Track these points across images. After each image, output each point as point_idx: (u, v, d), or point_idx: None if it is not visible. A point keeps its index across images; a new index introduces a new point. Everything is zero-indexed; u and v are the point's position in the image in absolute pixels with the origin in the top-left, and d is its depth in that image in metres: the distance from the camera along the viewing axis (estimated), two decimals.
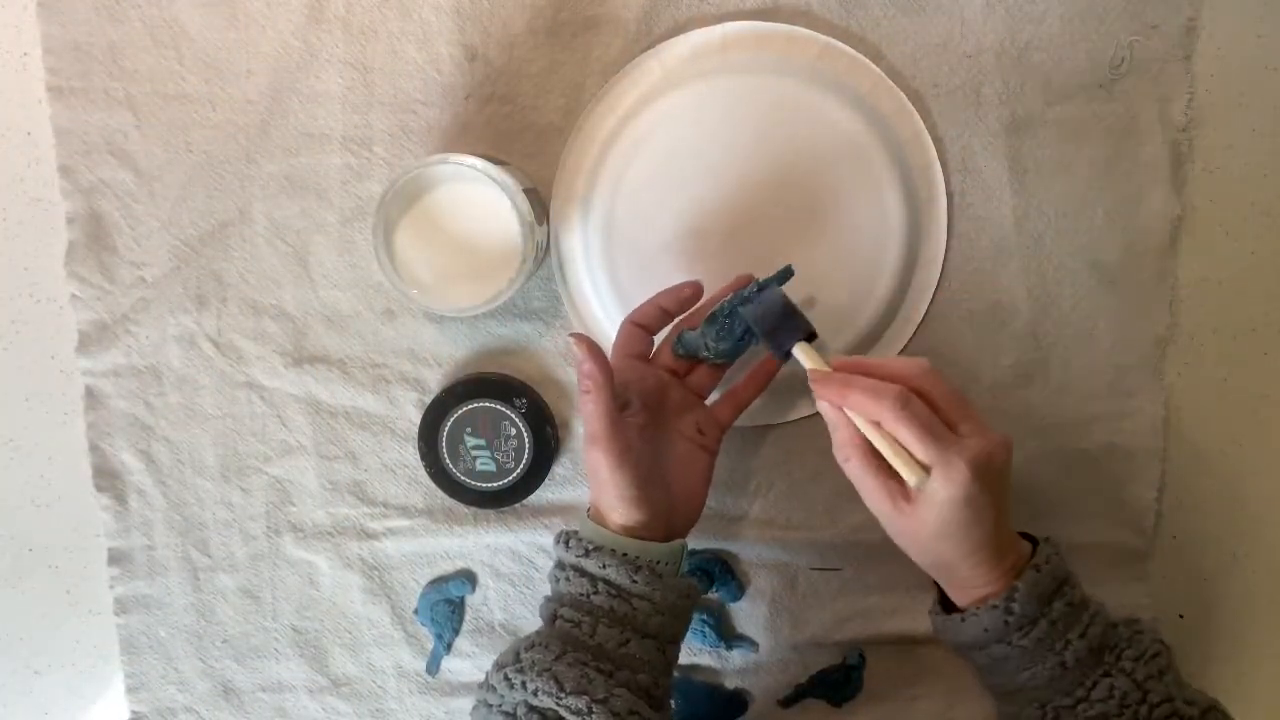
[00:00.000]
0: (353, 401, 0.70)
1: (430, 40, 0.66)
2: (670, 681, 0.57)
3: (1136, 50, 0.65)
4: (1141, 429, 0.68)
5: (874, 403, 0.52)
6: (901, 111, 0.65)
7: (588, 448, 0.56)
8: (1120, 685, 0.52)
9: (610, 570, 0.55)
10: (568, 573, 0.56)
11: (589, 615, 0.55)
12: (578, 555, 0.55)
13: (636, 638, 0.55)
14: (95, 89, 0.66)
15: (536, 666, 0.52)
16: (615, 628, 0.54)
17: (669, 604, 0.56)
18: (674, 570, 0.57)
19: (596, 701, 0.51)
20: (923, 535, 0.53)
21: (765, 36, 0.65)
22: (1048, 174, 0.66)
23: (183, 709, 0.72)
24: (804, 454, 0.69)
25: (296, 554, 0.71)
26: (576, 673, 0.52)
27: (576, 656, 0.53)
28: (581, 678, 0.51)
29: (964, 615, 0.55)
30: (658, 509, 0.57)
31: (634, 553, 0.55)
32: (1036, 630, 0.53)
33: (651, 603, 0.55)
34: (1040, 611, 0.53)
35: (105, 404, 0.69)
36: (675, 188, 0.65)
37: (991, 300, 0.67)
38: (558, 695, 0.51)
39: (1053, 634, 0.53)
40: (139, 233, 0.68)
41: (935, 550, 0.54)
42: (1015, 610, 0.53)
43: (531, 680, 0.52)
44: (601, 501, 0.57)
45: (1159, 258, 0.67)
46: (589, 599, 0.55)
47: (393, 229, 0.62)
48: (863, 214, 0.65)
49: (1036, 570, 0.53)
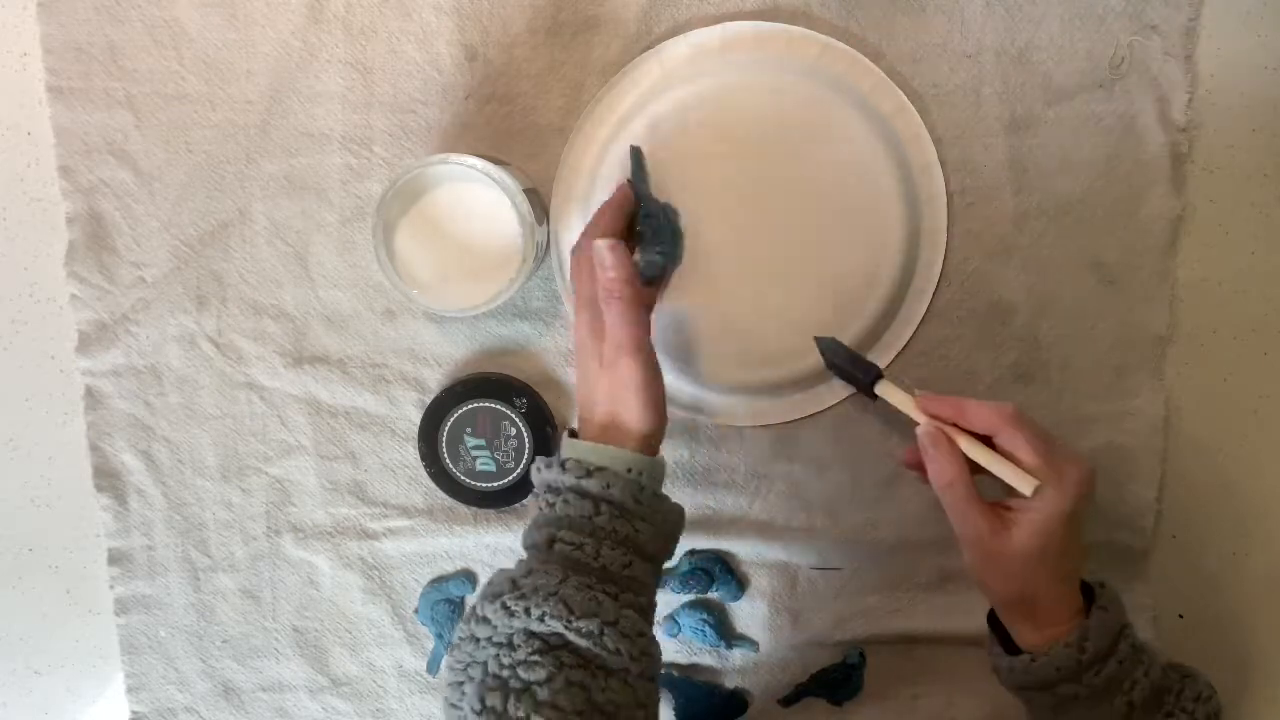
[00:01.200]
0: (353, 401, 0.70)
1: (430, 40, 0.66)
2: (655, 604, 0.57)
3: (1136, 50, 0.65)
4: (1141, 429, 0.68)
5: (994, 414, 0.55)
6: (901, 111, 0.65)
7: (618, 357, 0.56)
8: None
9: (615, 490, 0.53)
10: (565, 495, 0.54)
11: (591, 537, 0.53)
12: (578, 476, 0.54)
13: (638, 559, 0.54)
14: (95, 89, 0.66)
15: (541, 591, 0.50)
16: (619, 549, 0.53)
17: (669, 526, 0.56)
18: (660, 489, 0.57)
19: (608, 624, 0.50)
20: (1019, 559, 0.54)
21: (765, 36, 0.65)
22: (1048, 174, 0.66)
23: (183, 709, 0.72)
24: (804, 454, 0.69)
25: (296, 554, 0.71)
26: (584, 596, 0.50)
27: (582, 580, 0.51)
28: (590, 600, 0.50)
29: (1034, 656, 0.55)
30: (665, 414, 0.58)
31: (638, 469, 0.54)
32: (1107, 669, 0.53)
33: (653, 525, 0.55)
34: (1110, 649, 0.54)
35: (105, 404, 0.69)
36: (675, 187, 0.65)
37: (991, 300, 0.67)
38: (567, 619, 0.49)
39: (1120, 674, 0.54)
40: (139, 233, 0.68)
41: (1027, 576, 0.54)
42: (1088, 649, 0.53)
43: (536, 605, 0.50)
44: (625, 412, 0.56)
45: (1159, 258, 0.67)
46: (591, 520, 0.53)
47: (393, 229, 0.62)
48: (863, 214, 0.65)
49: (1104, 610, 0.54)
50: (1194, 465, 0.69)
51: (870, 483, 0.69)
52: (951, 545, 0.69)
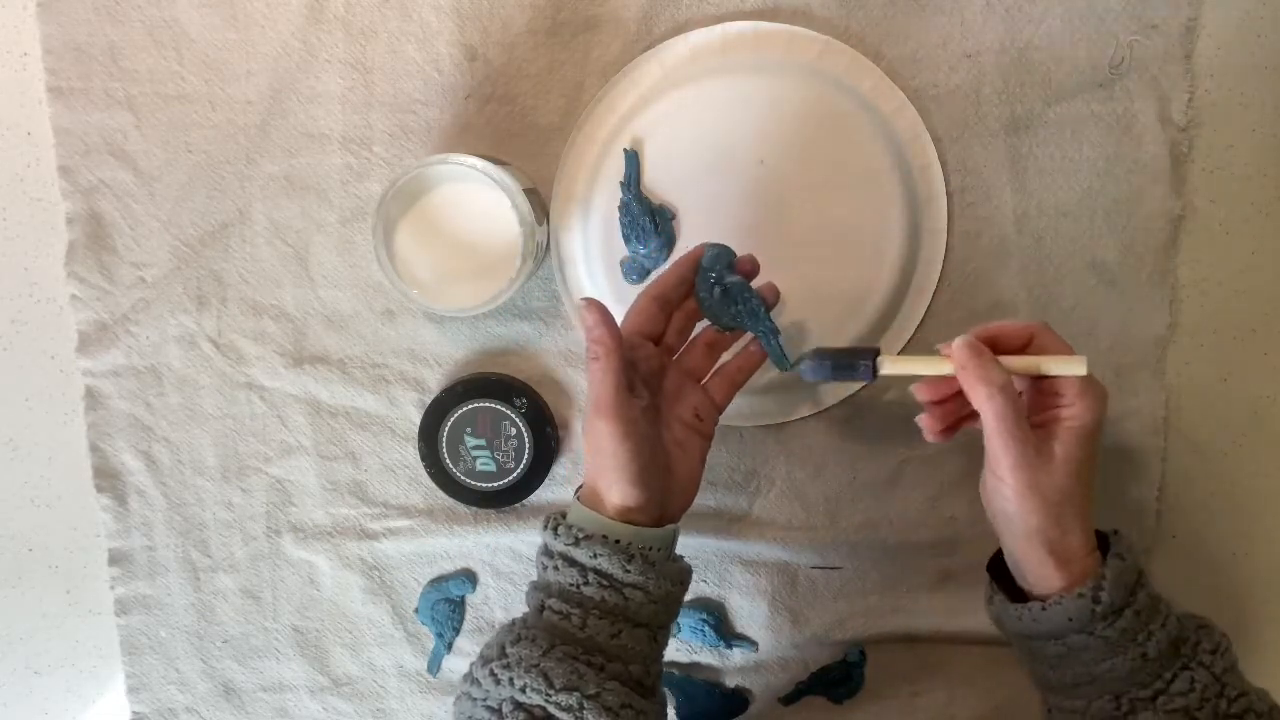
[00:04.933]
0: (353, 401, 0.70)
1: (430, 40, 0.66)
2: (660, 667, 0.56)
3: (1136, 50, 0.65)
4: (1141, 429, 0.68)
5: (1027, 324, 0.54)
6: (901, 111, 0.65)
7: (592, 419, 0.54)
8: (1200, 678, 0.52)
9: (601, 560, 0.52)
10: (556, 561, 0.54)
11: (579, 607, 0.52)
12: (566, 543, 0.53)
13: (628, 628, 0.53)
14: (95, 89, 0.66)
15: (524, 663, 0.50)
16: (606, 619, 0.52)
17: (662, 592, 0.54)
18: (666, 556, 0.55)
19: (588, 698, 0.49)
20: (1060, 473, 0.52)
21: (765, 36, 0.65)
22: (1048, 174, 0.66)
23: (184, 709, 0.72)
24: (804, 454, 0.69)
25: (297, 554, 0.71)
26: (566, 668, 0.50)
27: (566, 650, 0.51)
28: (572, 673, 0.50)
29: (1045, 604, 0.53)
30: (654, 491, 0.55)
31: (626, 539, 0.53)
32: (1122, 620, 0.52)
33: (645, 592, 0.53)
34: (1125, 601, 0.52)
35: (105, 404, 0.69)
36: (675, 188, 0.65)
37: (991, 300, 0.67)
38: (547, 692, 0.49)
39: (1136, 624, 0.52)
40: (139, 233, 0.68)
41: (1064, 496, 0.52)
42: (1103, 599, 0.52)
43: (519, 676, 0.50)
44: (600, 479, 0.54)
45: (1159, 258, 0.67)
46: (579, 590, 0.53)
47: (393, 229, 0.62)
48: (863, 214, 0.65)
49: (1120, 559, 0.53)
50: (1194, 465, 0.69)
51: (870, 483, 0.69)
52: (951, 545, 0.69)
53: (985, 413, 0.52)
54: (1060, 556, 0.53)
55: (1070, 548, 0.53)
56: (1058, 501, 0.52)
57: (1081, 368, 0.52)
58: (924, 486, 0.69)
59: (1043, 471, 0.52)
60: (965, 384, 0.53)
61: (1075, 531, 0.53)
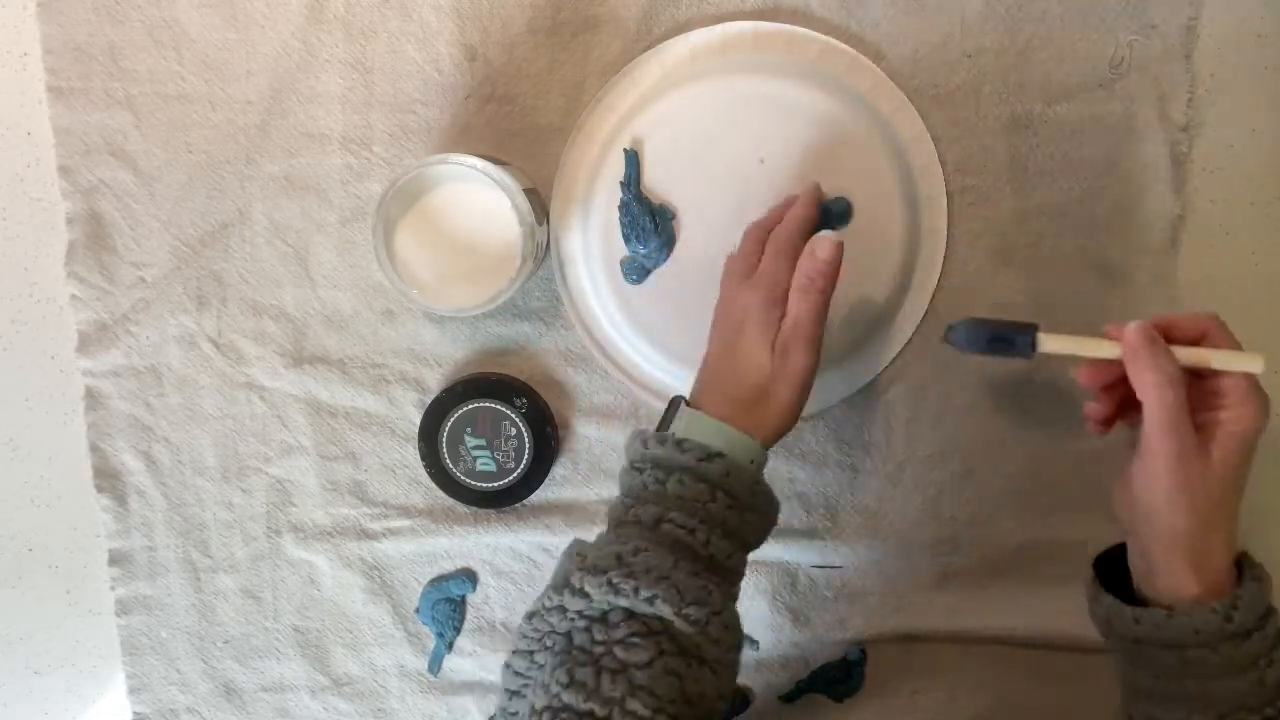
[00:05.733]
0: (353, 401, 0.70)
1: (430, 40, 0.66)
2: None
3: (1136, 50, 0.65)
4: None
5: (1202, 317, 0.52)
6: (901, 111, 0.65)
7: (795, 346, 0.54)
8: None
9: (733, 480, 0.52)
10: (679, 476, 0.52)
11: (704, 524, 0.52)
12: (698, 459, 0.52)
13: (739, 551, 0.53)
14: (95, 89, 0.66)
15: (653, 573, 0.49)
16: (727, 540, 0.52)
17: (769, 520, 0.55)
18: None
19: (714, 614, 0.49)
20: (1216, 478, 0.51)
21: (765, 36, 0.65)
22: (1048, 174, 0.66)
23: (185, 710, 0.72)
24: (804, 454, 0.69)
25: (297, 554, 0.71)
26: (697, 583, 0.49)
27: (691, 567, 0.50)
28: (701, 589, 0.49)
29: (1171, 612, 0.51)
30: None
31: (759, 461, 0.54)
32: (1249, 644, 0.50)
33: (759, 516, 0.54)
34: (1257, 624, 0.51)
35: (105, 404, 0.69)
36: (675, 188, 0.65)
37: (991, 300, 0.67)
38: (678, 605, 0.48)
39: (1261, 649, 0.51)
40: (139, 233, 0.68)
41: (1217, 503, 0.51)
42: (1235, 619, 0.50)
43: (647, 587, 0.48)
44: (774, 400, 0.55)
45: (1159, 258, 0.67)
46: (705, 506, 0.52)
47: (393, 229, 0.62)
48: (863, 214, 0.65)
49: (1257, 581, 0.51)
50: None
51: (870, 482, 0.69)
52: (951, 545, 0.69)
53: (1151, 403, 0.50)
54: (1199, 565, 0.51)
55: (1211, 557, 0.51)
56: (1209, 507, 0.51)
57: (1257, 365, 0.50)
58: (924, 486, 0.69)
59: (1198, 474, 0.51)
60: (1133, 371, 0.51)
61: (1220, 542, 0.51)
